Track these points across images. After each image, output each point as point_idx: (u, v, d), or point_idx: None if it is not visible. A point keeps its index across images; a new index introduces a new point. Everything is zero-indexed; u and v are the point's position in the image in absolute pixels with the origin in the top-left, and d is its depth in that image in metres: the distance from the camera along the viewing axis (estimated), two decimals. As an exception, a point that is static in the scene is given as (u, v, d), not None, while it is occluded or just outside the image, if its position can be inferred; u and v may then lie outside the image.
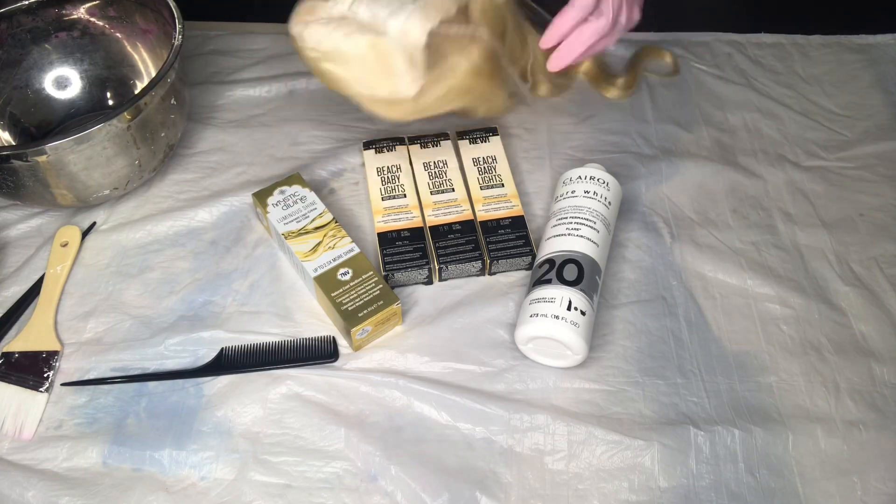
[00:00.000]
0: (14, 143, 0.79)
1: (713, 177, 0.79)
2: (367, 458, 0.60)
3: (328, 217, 0.71)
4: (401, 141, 0.79)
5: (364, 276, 0.67)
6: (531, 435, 0.61)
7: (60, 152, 0.66)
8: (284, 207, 0.71)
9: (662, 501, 0.58)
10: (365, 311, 0.64)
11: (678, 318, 0.68)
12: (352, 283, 0.66)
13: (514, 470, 0.60)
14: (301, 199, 0.72)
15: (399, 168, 0.77)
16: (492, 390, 0.64)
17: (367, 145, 0.79)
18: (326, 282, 0.66)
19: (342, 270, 0.67)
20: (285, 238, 0.69)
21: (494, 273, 0.71)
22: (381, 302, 0.65)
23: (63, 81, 0.83)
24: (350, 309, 0.65)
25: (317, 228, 0.70)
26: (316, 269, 0.67)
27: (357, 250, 0.68)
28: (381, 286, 0.66)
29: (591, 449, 0.60)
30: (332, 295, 0.65)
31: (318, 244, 0.69)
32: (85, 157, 0.67)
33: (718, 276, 0.71)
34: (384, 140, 0.79)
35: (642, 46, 0.90)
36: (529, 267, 0.71)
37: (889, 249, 0.73)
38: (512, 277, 0.71)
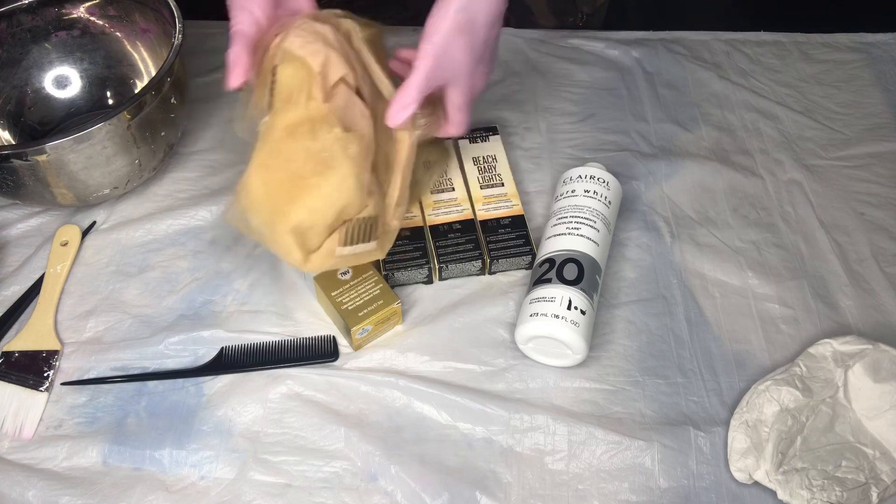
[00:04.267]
0: (14, 143, 0.79)
1: (713, 176, 0.79)
2: (367, 458, 0.60)
3: None
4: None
5: (364, 276, 0.66)
6: (531, 435, 0.61)
7: (60, 151, 0.65)
8: None
9: (663, 502, 0.58)
10: (365, 311, 0.64)
11: (678, 318, 0.68)
12: (352, 283, 0.66)
13: (514, 470, 0.60)
14: None
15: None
16: (492, 390, 0.64)
17: None
18: (326, 281, 0.66)
19: (342, 270, 0.67)
20: None
21: (494, 272, 0.71)
22: (381, 301, 0.65)
23: (63, 80, 0.83)
24: (350, 308, 0.64)
25: None
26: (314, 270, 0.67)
27: None
28: (381, 286, 0.66)
29: (591, 449, 0.60)
30: (332, 294, 0.65)
31: None
32: (85, 156, 0.67)
33: (718, 275, 0.71)
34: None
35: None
36: (529, 266, 0.71)
37: (888, 248, 0.73)
38: (512, 277, 0.71)
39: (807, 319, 0.68)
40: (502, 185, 0.75)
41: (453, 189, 0.74)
